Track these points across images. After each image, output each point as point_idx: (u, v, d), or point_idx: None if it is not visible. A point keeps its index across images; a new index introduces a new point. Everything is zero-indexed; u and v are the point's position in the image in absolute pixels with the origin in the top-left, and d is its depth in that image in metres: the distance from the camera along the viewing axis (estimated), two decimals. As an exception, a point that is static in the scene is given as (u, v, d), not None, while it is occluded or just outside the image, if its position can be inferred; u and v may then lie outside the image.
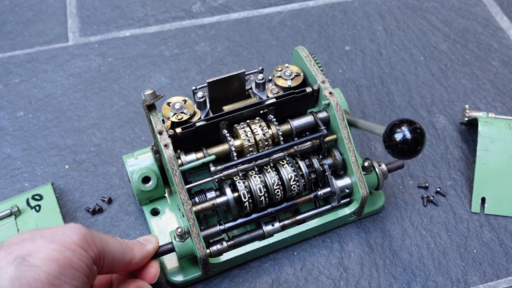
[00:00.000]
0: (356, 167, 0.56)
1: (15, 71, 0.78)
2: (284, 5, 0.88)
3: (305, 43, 0.82)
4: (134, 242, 0.51)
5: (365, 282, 0.58)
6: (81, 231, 0.43)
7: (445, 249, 0.60)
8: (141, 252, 0.50)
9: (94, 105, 0.74)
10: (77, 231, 0.43)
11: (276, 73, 0.60)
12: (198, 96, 0.57)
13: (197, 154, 0.55)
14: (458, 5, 0.88)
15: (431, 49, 0.81)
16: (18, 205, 0.60)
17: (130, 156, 0.59)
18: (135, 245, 0.50)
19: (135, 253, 0.49)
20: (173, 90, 0.76)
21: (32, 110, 0.73)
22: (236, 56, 0.80)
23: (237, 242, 0.56)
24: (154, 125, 0.53)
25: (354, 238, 0.61)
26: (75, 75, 0.77)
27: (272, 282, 0.58)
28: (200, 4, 0.88)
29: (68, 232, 0.43)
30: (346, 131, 0.56)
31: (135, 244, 0.50)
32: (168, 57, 0.80)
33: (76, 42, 0.82)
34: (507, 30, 0.84)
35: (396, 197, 0.65)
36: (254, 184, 0.55)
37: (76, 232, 0.43)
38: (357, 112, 0.73)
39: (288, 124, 0.58)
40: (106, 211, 0.63)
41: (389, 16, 0.86)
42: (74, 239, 0.42)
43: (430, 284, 0.57)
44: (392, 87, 0.76)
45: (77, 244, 0.42)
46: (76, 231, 0.43)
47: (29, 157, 0.68)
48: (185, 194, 0.52)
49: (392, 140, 0.45)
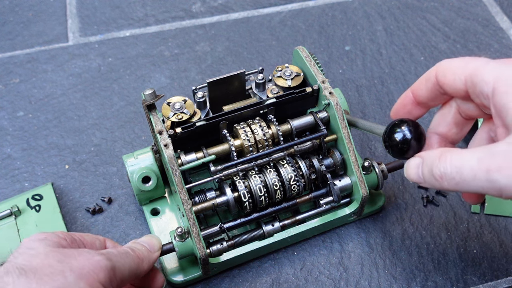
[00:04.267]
0: (356, 167, 0.56)
1: (15, 71, 0.78)
2: (284, 5, 0.88)
3: (305, 43, 0.82)
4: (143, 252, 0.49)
5: (365, 282, 0.58)
6: (106, 267, 0.43)
7: (445, 249, 0.60)
8: (148, 262, 0.49)
9: (94, 105, 0.74)
10: (103, 267, 0.43)
11: (276, 73, 0.60)
12: (198, 96, 0.57)
13: (197, 154, 0.55)
14: (458, 5, 0.88)
15: (431, 49, 0.81)
16: (18, 205, 0.60)
17: (130, 156, 0.59)
18: (145, 257, 0.49)
19: (144, 265, 0.49)
20: (173, 90, 0.76)
21: (32, 110, 0.73)
22: (236, 56, 0.80)
23: (237, 242, 0.56)
24: (154, 125, 0.53)
25: (354, 238, 0.61)
26: (75, 75, 0.77)
27: (272, 282, 0.58)
28: (200, 4, 0.88)
29: (95, 268, 0.42)
30: (346, 131, 0.56)
31: (145, 256, 0.49)
32: (168, 57, 0.80)
33: (76, 42, 0.82)
34: (507, 30, 0.84)
35: (396, 197, 0.65)
36: (254, 184, 0.55)
37: (102, 269, 0.43)
38: (357, 112, 0.73)
39: (288, 124, 0.58)
40: (106, 211, 0.63)
41: (389, 16, 0.86)
42: (100, 277, 0.42)
43: (430, 284, 0.57)
44: (392, 87, 0.76)
45: (101, 283, 0.42)
46: (102, 267, 0.43)
47: (29, 157, 0.68)
48: (185, 194, 0.52)
49: (392, 140, 0.45)
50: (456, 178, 0.39)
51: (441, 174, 0.40)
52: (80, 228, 0.62)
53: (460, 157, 0.39)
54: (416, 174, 0.43)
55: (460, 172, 0.38)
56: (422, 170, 0.43)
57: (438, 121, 0.48)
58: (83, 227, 0.62)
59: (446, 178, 0.40)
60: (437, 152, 0.41)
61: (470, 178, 0.38)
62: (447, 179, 0.40)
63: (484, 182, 0.37)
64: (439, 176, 0.40)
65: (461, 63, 0.42)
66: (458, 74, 0.42)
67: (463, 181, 0.39)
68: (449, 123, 0.47)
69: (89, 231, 0.62)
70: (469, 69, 0.41)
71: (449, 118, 0.47)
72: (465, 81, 0.42)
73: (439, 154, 0.41)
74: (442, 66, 0.44)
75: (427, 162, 0.42)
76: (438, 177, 0.41)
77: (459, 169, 0.39)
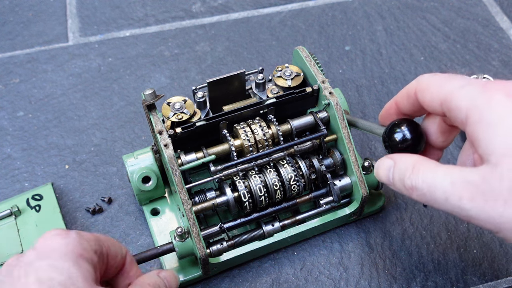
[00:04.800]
0: (356, 167, 0.56)
1: (15, 71, 0.78)
2: (284, 5, 0.88)
3: (305, 43, 0.82)
4: None
5: (365, 282, 0.58)
6: None
7: (445, 249, 0.60)
8: None
9: (94, 105, 0.74)
10: None
11: (276, 73, 0.60)
12: (198, 96, 0.57)
13: (197, 154, 0.55)
14: (458, 5, 0.88)
15: (431, 49, 0.81)
16: (18, 205, 0.60)
17: (130, 156, 0.59)
18: None
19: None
20: (173, 90, 0.76)
21: (32, 110, 0.73)
22: (236, 56, 0.80)
23: (237, 242, 0.56)
24: (154, 125, 0.53)
25: (354, 238, 0.61)
26: (75, 75, 0.77)
27: (272, 282, 0.58)
28: (200, 4, 0.88)
29: None
30: (346, 131, 0.56)
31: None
32: (168, 57, 0.80)
33: (76, 42, 0.82)
34: (507, 30, 0.84)
35: (396, 197, 0.65)
36: (254, 184, 0.55)
37: None
38: (357, 112, 0.73)
39: (288, 124, 0.58)
40: (106, 211, 0.63)
41: (389, 16, 0.86)
42: None
43: (430, 284, 0.57)
44: (392, 87, 0.76)
45: None
46: None
47: (29, 157, 0.68)
48: (185, 194, 0.52)
49: (392, 140, 0.45)
50: (427, 196, 0.39)
51: (411, 186, 0.40)
52: (80, 228, 0.62)
53: (433, 175, 0.39)
54: (386, 176, 0.43)
55: (432, 191, 0.38)
56: (393, 174, 0.42)
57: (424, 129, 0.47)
58: (83, 227, 0.62)
59: (416, 192, 0.39)
60: (411, 162, 0.41)
61: (442, 200, 0.38)
62: (418, 193, 0.39)
63: (456, 208, 0.37)
64: (409, 187, 0.40)
65: (438, 84, 0.41)
66: (435, 96, 0.41)
67: (434, 200, 0.38)
68: (434, 132, 0.46)
69: (89, 231, 0.61)
70: (444, 92, 0.40)
71: (435, 127, 0.46)
72: (440, 104, 0.41)
73: (412, 164, 0.40)
74: (421, 85, 0.43)
75: (399, 168, 0.42)
76: (408, 188, 0.40)
77: (431, 187, 0.38)
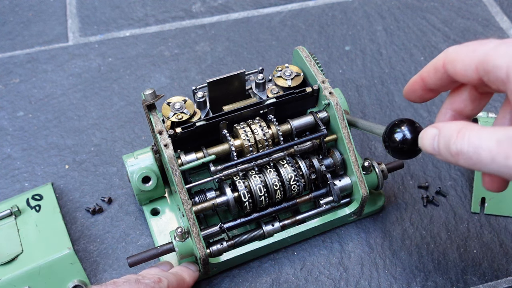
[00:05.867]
0: (356, 167, 0.56)
1: (15, 71, 0.78)
2: (284, 5, 0.88)
3: (305, 43, 0.82)
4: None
5: (365, 282, 0.58)
6: None
7: (445, 249, 0.60)
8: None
9: (94, 105, 0.74)
10: None
11: (276, 73, 0.60)
12: (198, 96, 0.57)
13: (197, 154, 0.55)
14: (458, 5, 0.88)
15: (431, 49, 0.81)
16: (18, 205, 0.60)
17: (130, 156, 0.59)
18: None
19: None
20: (173, 90, 0.76)
21: (32, 110, 0.73)
22: (236, 56, 0.80)
23: (237, 242, 0.56)
24: (154, 125, 0.53)
25: (354, 238, 0.61)
26: (75, 75, 0.77)
27: (272, 282, 0.58)
28: (200, 4, 0.88)
29: None
30: (346, 131, 0.56)
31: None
32: (168, 57, 0.80)
33: (76, 42, 0.82)
34: (507, 30, 0.84)
35: (396, 197, 0.65)
36: (254, 184, 0.55)
37: None
38: (357, 112, 0.73)
39: (288, 124, 0.58)
40: (106, 211, 0.63)
41: (389, 16, 0.86)
42: None
43: (430, 284, 0.57)
44: (392, 87, 0.76)
45: None
46: None
47: (29, 157, 0.68)
48: (185, 194, 0.52)
49: (392, 140, 0.45)
50: (473, 158, 0.37)
51: (457, 151, 0.39)
52: (80, 228, 0.62)
53: (478, 136, 0.37)
54: (431, 145, 0.42)
55: (478, 153, 0.37)
56: (438, 142, 0.41)
57: (453, 98, 0.46)
58: (83, 227, 0.62)
59: (462, 156, 0.38)
60: (456, 127, 0.39)
61: (488, 161, 0.37)
62: (464, 157, 0.38)
63: (502, 167, 0.36)
64: (455, 153, 0.39)
65: (470, 50, 0.40)
66: (468, 62, 0.40)
67: (480, 162, 0.37)
68: (464, 100, 0.45)
69: (89, 231, 0.62)
70: (478, 56, 0.39)
71: (465, 95, 0.45)
72: (476, 69, 0.40)
73: (457, 129, 0.39)
74: (450, 56, 0.42)
75: (444, 135, 0.40)
76: (454, 153, 0.39)
77: (477, 149, 0.37)
